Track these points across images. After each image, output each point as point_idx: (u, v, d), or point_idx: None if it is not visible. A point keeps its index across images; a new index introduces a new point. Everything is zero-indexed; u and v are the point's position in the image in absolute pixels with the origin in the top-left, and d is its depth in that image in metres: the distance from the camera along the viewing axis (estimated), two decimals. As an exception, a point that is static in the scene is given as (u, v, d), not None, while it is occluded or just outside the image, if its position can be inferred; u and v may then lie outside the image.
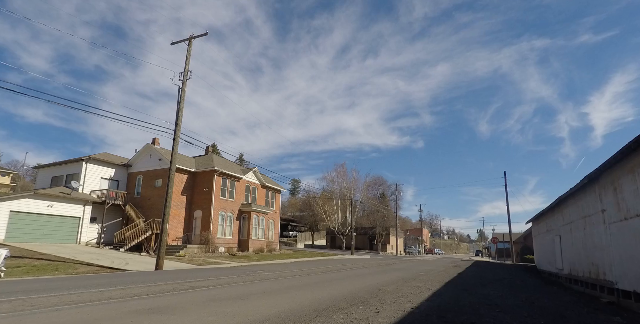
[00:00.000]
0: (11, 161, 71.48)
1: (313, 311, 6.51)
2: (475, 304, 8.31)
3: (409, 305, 7.71)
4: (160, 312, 6.19)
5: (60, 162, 33.37)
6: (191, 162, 34.16)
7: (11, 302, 7.09)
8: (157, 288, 9.36)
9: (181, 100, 20.10)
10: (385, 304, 7.73)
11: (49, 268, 16.48)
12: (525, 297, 10.35)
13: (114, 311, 6.22)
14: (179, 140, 19.83)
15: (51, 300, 7.35)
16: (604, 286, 10.48)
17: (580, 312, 8.23)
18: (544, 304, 9.15)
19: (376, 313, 6.70)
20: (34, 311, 6.17)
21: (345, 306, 7.20)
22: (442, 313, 7.02)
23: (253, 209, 34.32)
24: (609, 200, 9.82)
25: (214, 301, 7.44)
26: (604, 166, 9.48)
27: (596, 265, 11.17)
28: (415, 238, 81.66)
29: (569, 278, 14.88)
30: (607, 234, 10.08)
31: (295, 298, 8.21)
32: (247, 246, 33.22)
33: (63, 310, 6.30)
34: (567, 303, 9.79)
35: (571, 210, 14.24)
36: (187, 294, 8.58)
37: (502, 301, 9.20)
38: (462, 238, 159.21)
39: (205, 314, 6.07)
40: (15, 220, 24.01)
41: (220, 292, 9.02)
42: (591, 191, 11.35)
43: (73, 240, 27.08)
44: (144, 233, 28.02)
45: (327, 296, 8.66)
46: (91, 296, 7.85)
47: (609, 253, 9.94)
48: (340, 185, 57.25)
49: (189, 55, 20.87)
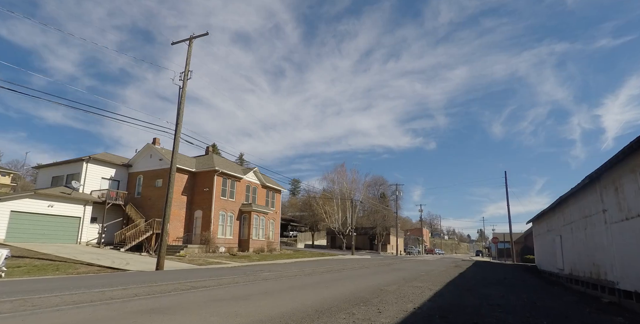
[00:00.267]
0: (11, 161, 71.45)
1: (315, 312, 6.50)
2: (477, 305, 8.30)
3: (410, 305, 7.70)
4: (162, 312, 6.18)
5: (60, 161, 33.36)
6: (191, 161, 34.16)
7: (12, 302, 7.08)
8: (159, 288, 9.35)
9: (182, 100, 20.11)
10: (387, 304, 7.71)
11: (49, 268, 16.47)
12: (527, 297, 10.34)
13: (116, 311, 6.20)
14: (179, 140, 19.84)
15: (52, 300, 7.34)
16: (605, 286, 10.45)
17: (582, 312, 8.22)
18: (546, 304, 9.14)
19: (378, 313, 6.69)
20: (36, 312, 6.16)
21: (348, 307, 7.18)
22: (444, 313, 7.01)
23: (253, 209, 34.31)
24: (610, 200, 9.79)
25: (216, 301, 7.43)
26: (605, 166, 9.45)
27: (597, 265, 11.14)
28: (416, 238, 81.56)
29: (569, 278, 14.85)
30: (608, 234, 10.05)
31: (297, 298, 8.20)
32: (247, 246, 33.20)
33: (64, 310, 6.28)
34: (569, 303, 9.77)
35: (572, 210, 14.21)
36: (188, 294, 8.57)
37: (504, 301, 9.19)
38: (462, 238, 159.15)
39: (207, 315, 6.06)
40: (15, 220, 23.99)
41: (222, 292, 9.01)
42: (592, 191, 11.33)
43: (73, 240, 27.07)
44: (145, 233, 28.01)
45: (329, 296, 8.65)
46: (92, 297, 7.84)
47: (610, 253, 9.91)
48: (340, 185, 57.33)
49: (190, 55, 20.91)
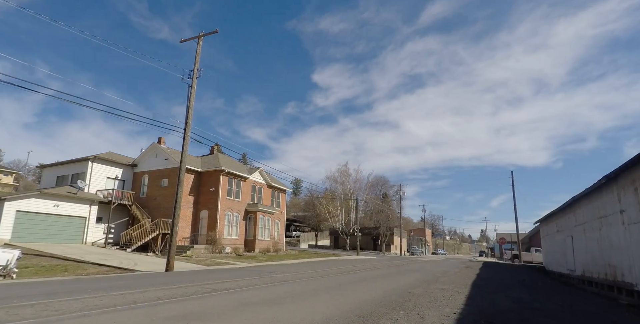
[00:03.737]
0: (13, 160, 71.06)
1: (358, 317, 6.15)
2: (515, 309, 7.98)
3: (448, 310, 7.37)
4: (198, 318, 5.82)
5: (65, 161, 32.94)
6: (197, 161, 33.76)
7: (33, 306, 6.73)
8: (179, 291, 9.00)
9: (191, 98, 19.73)
10: (424, 308, 7.38)
11: (57, 268, 16.13)
12: (560, 300, 10.02)
13: (149, 317, 5.84)
14: (189, 139, 19.44)
15: (74, 304, 6.99)
16: (623, 287, 10.18)
17: (625, 316, 7.90)
18: (583, 308, 8.83)
19: (421, 319, 6.36)
20: (61, 317, 5.82)
21: (387, 311, 6.84)
22: (487, 317, 6.68)
23: (259, 209, 33.92)
24: (629, 200, 9.53)
25: (247, 306, 7.07)
26: (624, 166, 9.21)
27: (614, 266, 10.87)
28: (419, 238, 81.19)
29: (582, 279, 14.54)
30: (626, 235, 9.79)
31: (330, 302, 7.85)
32: (253, 246, 32.82)
33: (92, 316, 5.93)
34: (604, 305, 9.44)
35: (585, 211, 13.93)
36: (213, 297, 8.22)
37: (540, 304, 8.86)
38: (463, 239, 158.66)
39: (247, 321, 5.71)
40: (21, 219, 23.58)
41: (248, 295, 8.65)
42: (608, 192, 11.05)
43: (79, 240, 26.68)
44: (151, 233, 27.59)
45: (361, 300, 8.30)
46: (115, 300, 7.49)
47: (628, 254, 9.64)
48: (343, 185, 57.01)
49: (199, 53, 20.52)
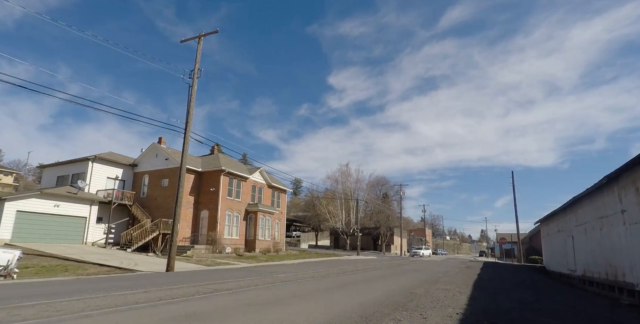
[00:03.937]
0: (13, 160, 71.01)
1: (361, 318, 6.12)
2: (518, 309, 7.95)
3: (451, 310, 7.34)
4: (201, 319, 5.79)
5: (65, 161, 32.90)
6: (197, 161, 33.72)
7: (34, 307, 6.70)
8: (181, 292, 8.97)
9: (191, 98, 19.70)
10: (427, 309, 7.35)
11: (58, 268, 16.10)
12: (562, 300, 10.00)
13: (151, 317, 5.81)
14: (189, 139, 19.40)
15: (75, 305, 6.96)
16: (624, 288, 10.16)
17: (629, 316, 7.87)
18: (586, 309, 8.80)
19: (424, 319, 6.33)
20: (63, 317, 5.79)
21: (389, 312, 6.81)
22: (490, 318, 6.66)
23: (260, 209, 33.89)
24: (630, 200, 9.51)
25: (250, 306, 7.04)
26: (625, 166, 9.19)
27: (615, 266, 10.85)
28: (419, 238, 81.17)
29: (583, 279, 14.51)
30: (627, 235, 9.77)
31: (333, 303, 7.83)
32: (253, 246, 32.78)
33: (94, 316, 5.90)
34: (605, 306, 9.41)
35: (586, 211, 13.90)
36: (215, 298, 8.19)
37: (542, 305, 8.84)
38: (463, 239, 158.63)
39: (250, 322, 5.68)
40: (21, 219, 23.54)
41: (250, 296, 8.62)
42: (610, 192, 11.03)
43: (79, 240, 26.64)
44: (151, 234, 27.55)
45: (363, 300, 8.27)
46: (116, 300, 7.46)
47: (629, 254, 9.63)
48: (344, 184, 56.95)
49: (199, 53, 20.49)
